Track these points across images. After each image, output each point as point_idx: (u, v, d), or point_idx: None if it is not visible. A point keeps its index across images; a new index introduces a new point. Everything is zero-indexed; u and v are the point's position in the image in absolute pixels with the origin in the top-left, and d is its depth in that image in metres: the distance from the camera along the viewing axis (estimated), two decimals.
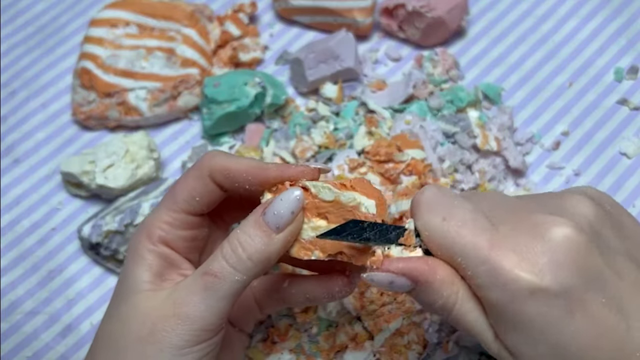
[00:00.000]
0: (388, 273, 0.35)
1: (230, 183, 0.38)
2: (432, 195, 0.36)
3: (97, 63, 0.57)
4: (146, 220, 0.40)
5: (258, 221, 0.36)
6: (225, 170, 0.38)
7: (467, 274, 0.34)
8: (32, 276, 0.53)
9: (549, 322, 0.33)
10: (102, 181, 0.53)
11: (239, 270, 0.35)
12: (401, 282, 0.35)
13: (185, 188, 0.39)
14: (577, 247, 0.33)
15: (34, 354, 0.51)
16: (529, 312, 0.33)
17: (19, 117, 0.59)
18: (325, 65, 0.57)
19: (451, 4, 0.58)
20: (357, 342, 0.47)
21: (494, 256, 0.33)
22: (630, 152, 0.56)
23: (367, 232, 0.35)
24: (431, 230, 0.35)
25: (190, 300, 0.36)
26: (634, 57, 0.60)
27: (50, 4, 0.65)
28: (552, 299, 0.33)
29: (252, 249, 0.35)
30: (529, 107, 0.58)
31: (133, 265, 0.38)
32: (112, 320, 0.38)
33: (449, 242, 0.34)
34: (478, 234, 0.34)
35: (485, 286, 0.33)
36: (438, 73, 0.58)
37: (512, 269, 0.33)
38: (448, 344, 0.48)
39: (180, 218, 0.39)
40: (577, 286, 0.33)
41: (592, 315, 0.33)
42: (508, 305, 0.33)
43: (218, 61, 0.60)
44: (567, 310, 0.33)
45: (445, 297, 0.35)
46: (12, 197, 0.56)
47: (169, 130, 0.59)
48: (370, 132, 0.55)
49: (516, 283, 0.33)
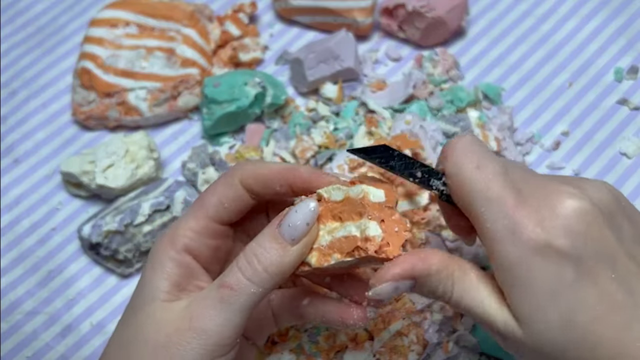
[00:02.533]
0: (390, 282, 0.35)
1: (261, 186, 0.39)
2: (469, 142, 0.37)
3: (97, 63, 0.57)
4: (172, 226, 0.40)
5: (273, 233, 0.36)
6: (256, 173, 0.38)
7: (486, 226, 0.35)
8: (32, 276, 0.53)
9: (560, 284, 0.34)
10: (102, 181, 0.53)
11: (255, 283, 0.36)
12: (405, 285, 0.36)
13: (214, 195, 0.39)
14: (591, 220, 0.34)
15: (34, 354, 0.51)
16: (541, 271, 0.33)
17: (19, 117, 0.60)
18: (325, 65, 0.57)
19: (451, 4, 0.58)
20: (357, 342, 0.47)
21: (518, 213, 0.34)
22: (630, 152, 0.56)
23: (395, 160, 0.36)
24: (463, 175, 0.36)
25: (206, 314, 0.35)
26: (634, 57, 0.60)
27: (50, 4, 0.65)
28: (564, 261, 0.33)
29: (268, 261, 0.36)
30: (529, 107, 0.58)
31: (152, 273, 0.38)
32: (128, 327, 0.38)
33: (477, 190, 0.35)
34: (505, 190, 0.35)
35: (502, 240, 0.34)
36: (438, 73, 0.58)
37: (531, 226, 0.34)
38: (448, 344, 0.48)
39: (207, 225, 0.39)
40: (588, 255, 0.34)
41: (601, 288, 0.34)
42: (522, 261, 0.34)
43: (218, 61, 0.60)
44: (577, 276, 0.34)
45: (443, 282, 0.36)
46: (12, 197, 0.56)
47: (169, 130, 0.59)
48: (370, 132, 0.55)
49: (534, 240, 0.33)
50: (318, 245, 0.37)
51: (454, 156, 0.36)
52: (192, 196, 0.53)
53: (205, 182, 0.54)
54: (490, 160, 0.36)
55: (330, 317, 0.41)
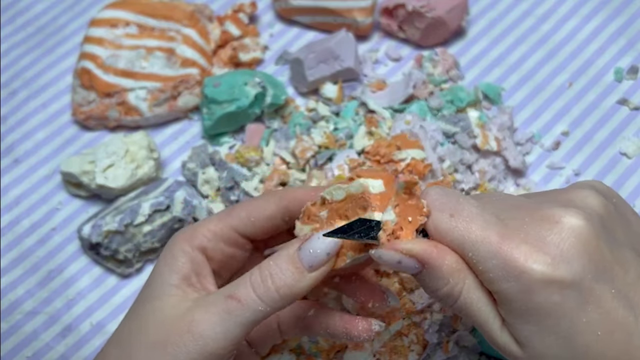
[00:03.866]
0: (396, 252, 0.34)
1: (298, 207, 0.38)
2: (437, 195, 0.36)
3: (97, 63, 0.57)
4: (191, 225, 0.40)
5: (292, 256, 0.35)
6: (295, 192, 0.39)
7: (478, 268, 0.34)
8: (32, 276, 0.53)
9: (563, 312, 0.33)
10: (102, 181, 0.53)
11: (264, 301, 0.35)
12: (409, 263, 0.34)
13: (246, 206, 0.39)
14: (588, 238, 0.33)
15: (34, 354, 0.51)
16: (542, 303, 0.33)
17: (19, 117, 0.59)
18: (325, 65, 0.57)
19: (451, 4, 0.58)
20: (357, 343, 0.47)
21: (505, 249, 0.33)
22: (630, 152, 0.56)
23: (374, 230, 0.35)
24: (439, 227, 0.35)
25: (208, 320, 0.35)
26: (634, 57, 0.60)
27: (50, 4, 0.65)
28: (565, 290, 0.33)
29: (282, 282, 0.35)
30: (529, 107, 0.58)
31: (163, 265, 0.38)
32: (132, 318, 0.38)
33: (458, 237, 0.34)
34: (487, 228, 0.34)
35: (497, 279, 0.33)
36: (438, 73, 0.58)
37: (524, 261, 0.33)
38: (448, 344, 0.48)
39: (228, 233, 0.39)
40: (589, 277, 0.33)
41: (604, 308, 0.33)
42: (521, 297, 0.33)
43: (218, 61, 0.60)
44: (581, 302, 0.33)
45: (451, 284, 0.35)
46: (12, 197, 0.56)
47: (169, 130, 0.59)
48: (370, 132, 0.55)
49: (529, 274, 0.32)
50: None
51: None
52: (192, 196, 0.53)
53: (205, 182, 0.54)
54: (464, 204, 0.35)
55: (334, 329, 0.40)
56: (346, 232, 0.34)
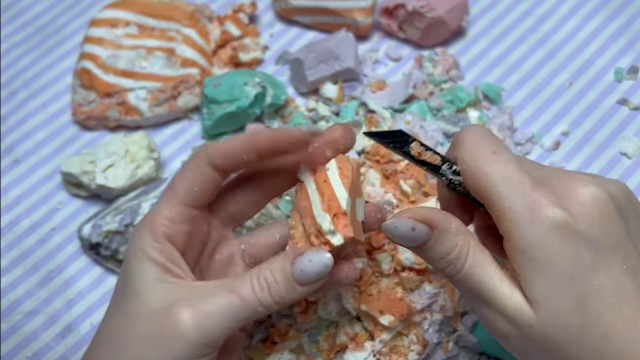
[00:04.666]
0: (410, 220, 0.36)
1: (229, 162, 0.39)
2: (483, 131, 0.37)
3: (97, 63, 0.57)
4: (147, 217, 0.40)
5: (285, 270, 0.37)
6: (222, 150, 0.39)
7: (504, 205, 0.35)
8: (32, 276, 0.53)
9: (578, 267, 0.34)
10: (102, 181, 0.53)
11: (262, 304, 0.37)
12: (421, 229, 0.36)
13: (183, 180, 0.40)
14: (607, 209, 0.35)
15: (34, 354, 0.51)
16: (560, 251, 0.34)
17: (19, 117, 0.60)
18: (325, 65, 0.57)
19: (451, 4, 0.58)
20: (357, 342, 0.47)
21: (536, 194, 0.34)
22: (630, 152, 0.56)
23: (408, 145, 0.38)
24: (480, 160, 0.36)
25: (207, 312, 0.36)
26: (634, 57, 0.60)
27: (50, 4, 0.65)
28: (582, 244, 0.34)
29: (275, 292, 0.37)
30: (529, 107, 0.58)
31: (138, 262, 0.38)
32: (119, 315, 0.38)
33: (495, 172, 0.35)
34: (522, 173, 0.35)
35: (520, 220, 0.34)
36: (438, 73, 0.58)
37: (552, 206, 0.34)
38: (448, 344, 0.48)
39: (181, 211, 0.39)
40: (604, 243, 0.34)
41: (614, 278, 0.34)
42: (540, 240, 0.34)
43: (218, 61, 0.60)
44: (594, 262, 0.34)
45: (459, 245, 0.36)
46: (12, 197, 0.56)
47: (169, 130, 0.59)
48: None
49: (553, 219, 0.34)
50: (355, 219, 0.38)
51: (469, 142, 0.37)
52: None
53: None
54: (505, 149, 0.37)
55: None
56: (385, 139, 0.38)
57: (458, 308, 0.48)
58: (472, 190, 0.37)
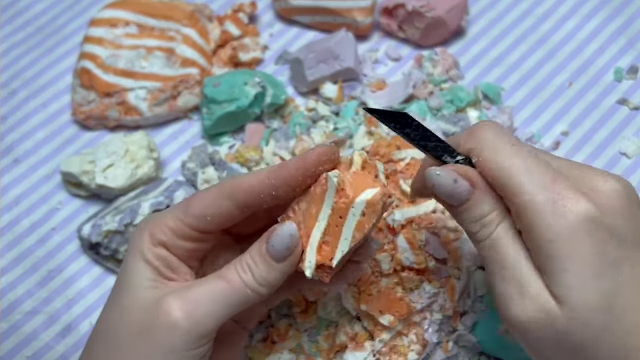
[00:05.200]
0: (453, 171, 0.36)
1: (254, 197, 0.38)
2: (500, 126, 0.37)
3: (97, 63, 0.57)
4: (151, 219, 0.40)
5: (261, 250, 0.37)
6: (247, 185, 0.37)
7: (525, 199, 0.34)
8: (32, 276, 0.53)
9: (603, 261, 0.33)
10: (102, 181, 0.53)
11: (250, 287, 0.37)
12: (464, 184, 0.36)
13: (200, 204, 0.38)
14: (630, 203, 0.35)
15: (34, 354, 0.51)
16: (585, 244, 0.33)
17: (19, 117, 0.59)
18: (325, 65, 0.57)
19: (451, 4, 0.58)
20: (357, 342, 0.47)
21: (558, 186, 0.34)
22: (630, 152, 0.56)
23: (411, 129, 0.37)
24: (501, 152, 0.36)
25: (197, 300, 0.36)
26: (634, 57, 0.60)
27: (50, 4, 0.65)
28: (607, 237, 0.33)
29: (257, 274, 0.37)
30: (529, 107, 0.58)
31: (135, 261, 0.39)
32: (113, 311, 0.38)
33: (515, 164, 0.35)
34: (543, 166, 0.35)
35: (544, 213, 0.34)
36: (438, 73, 0.58)
37: (576, 201, 0.33)
38: (448, 344, 0.48)
39: (185, 231, 0.39)
40: (627, 236, 0.34)
41: (637, 273, 0.34)
42: (566, 233, 0.33)
43: (218, 61, 0.60)
44: (619, 257, 0.33)
45: (497, 212, 0.36)
46: (12, 197, 0.56)
47: (169, 130, 0.59)
48: (370, 132, 0.55)
49: (578, 214, 0.33)
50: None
51: (489, 135, 0.36)
52: None
53: (205, 182, 0.54)
54: (523, 143, 0.37)
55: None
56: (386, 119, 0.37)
57: (458, 308, 0.48)
58: (492, 182, 0.36)
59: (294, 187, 0.37)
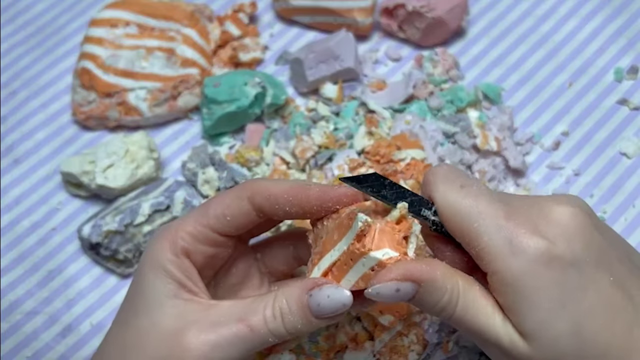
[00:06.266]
0: (392, 281, 0.34)
1: (270, 205, 0.37)
2: (447, 168, 0.37)
3: (97, 63, 0.57)
4: (169, 228, 0.39)
5: (302, 301, 0.36)
6: (267, 191, 0.37)
7: (483, 240, 0.34)
8: (32, 276, 0.53)
9: (566, 292, 0.33)
10: (102, 181, 0.53)
11: (274, 334, 0.36)
12: (407, 287, 0.34)
13: (219, 204, 0.38)
14: (584, 225, 0.35)
15: (34, 354, 0.51)
16: (545, 280, 0.33)
17: (19, 117, 0.60)
18: (325, 65, 0.57)
19: (451, 4, 0.58)
20: (357, 342, 0.47)
21: (511, 223, 0.34)
22: (630, 152, 0.56)
23: (386, 189, 0.36)
24: (450, 197, 0.36)
25: (215, 342, 0.35)
26: (634, 57, 0.60)
27: (50, 4, 0.65)
28: (567, 268, 0.33)
29: (290, 323, 0.36)
30: (529, 107, 0.58)
31: (155, 275, 0.37)
32: (130, 330, 0.37)
33: (467, 206, 0.35)
34: (494, 203, 0.35)
35: (501, 254, 0.34)
36: (438, 73, 0.58)
37: (529, 236, 0.34)
38: (448, 344, 0.48)
39: (206, 233, 0.38)
40: (587, 260, 0.34)
41: (604, 293, 0.34)
42: (525, 271, 0.33)
43: (218, 61, 0.60)
44: (582, 283, 0.34)
45: (449, 290, 0.35)
46: (12, 197, 0.56)
47: (169, 130, 0.59)
48: (370, 132, 0.55)
49: (534, 248, 0.33)
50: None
51: (436, 183, 0.36)
52: (192, 196, 0.53)
53: (205, 182, 0.54)
54: (473, 180, 0.36)
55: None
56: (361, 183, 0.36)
57: None
58: (450, 228, 0.36)
59: (307, 212, 0.37)
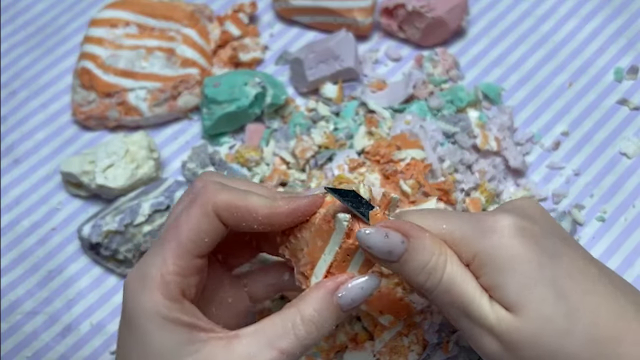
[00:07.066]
0: (382, 227, 0.35)
1: (237, 222, 0.36)
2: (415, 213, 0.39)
3: (97, 63, 0.57)
4: (148, 276, 0.36)
5: (331, 303, 0.36)
6: (232, 208, 0.36)
7: (455, 234, 0.36)
8: (32, 276, 0.53)
9: (542, 257, 0.35)
10: (102, 181, 0.53)
11: (307, 349, 0.36)
12: (396, 237, 0.35)
13: (191, 228, 0.36)
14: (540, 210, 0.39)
15: (34, 354, 0.51)
16: (519, 248, 0.35)
17: (19, 117, 0.60)
18: (325, 65, 0.57)
19: (451, 4, 0.58)
20: (357, 342, 0.47)
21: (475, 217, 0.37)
22: (630, 152, 0.56)
23: (363, 207, 0.36)
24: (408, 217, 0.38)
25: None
26: (634, 57, 0.60)
27: (50, 4, 0.65)
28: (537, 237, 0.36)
29: (325, 329, 0.36)
30: (529, 107, 0.58)
31: (160, 333, 0.35)
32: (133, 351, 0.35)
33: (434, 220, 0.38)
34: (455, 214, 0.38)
35: (476, 238, 0.36)
36: (438, 73, 0.58)
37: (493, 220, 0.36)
38: (448, 344, 0.48)
39: (187, 263, 0.36)
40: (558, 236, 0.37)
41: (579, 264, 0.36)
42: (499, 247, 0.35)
43: (218, 61, 0.60)
44: (555, 250, 0.36)
45: (437, 254, 0.35)
46: (12, 197, 0.56)
47: (169, 130, 0.59)
48: (370, 132, 0.55)
49: (501, 225, 0.36)
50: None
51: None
52: None
53: None
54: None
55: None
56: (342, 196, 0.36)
57: None
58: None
59: (277, 227, 0.37)
